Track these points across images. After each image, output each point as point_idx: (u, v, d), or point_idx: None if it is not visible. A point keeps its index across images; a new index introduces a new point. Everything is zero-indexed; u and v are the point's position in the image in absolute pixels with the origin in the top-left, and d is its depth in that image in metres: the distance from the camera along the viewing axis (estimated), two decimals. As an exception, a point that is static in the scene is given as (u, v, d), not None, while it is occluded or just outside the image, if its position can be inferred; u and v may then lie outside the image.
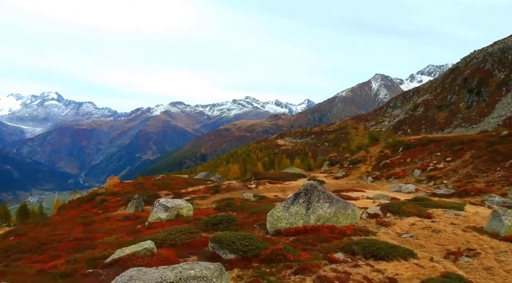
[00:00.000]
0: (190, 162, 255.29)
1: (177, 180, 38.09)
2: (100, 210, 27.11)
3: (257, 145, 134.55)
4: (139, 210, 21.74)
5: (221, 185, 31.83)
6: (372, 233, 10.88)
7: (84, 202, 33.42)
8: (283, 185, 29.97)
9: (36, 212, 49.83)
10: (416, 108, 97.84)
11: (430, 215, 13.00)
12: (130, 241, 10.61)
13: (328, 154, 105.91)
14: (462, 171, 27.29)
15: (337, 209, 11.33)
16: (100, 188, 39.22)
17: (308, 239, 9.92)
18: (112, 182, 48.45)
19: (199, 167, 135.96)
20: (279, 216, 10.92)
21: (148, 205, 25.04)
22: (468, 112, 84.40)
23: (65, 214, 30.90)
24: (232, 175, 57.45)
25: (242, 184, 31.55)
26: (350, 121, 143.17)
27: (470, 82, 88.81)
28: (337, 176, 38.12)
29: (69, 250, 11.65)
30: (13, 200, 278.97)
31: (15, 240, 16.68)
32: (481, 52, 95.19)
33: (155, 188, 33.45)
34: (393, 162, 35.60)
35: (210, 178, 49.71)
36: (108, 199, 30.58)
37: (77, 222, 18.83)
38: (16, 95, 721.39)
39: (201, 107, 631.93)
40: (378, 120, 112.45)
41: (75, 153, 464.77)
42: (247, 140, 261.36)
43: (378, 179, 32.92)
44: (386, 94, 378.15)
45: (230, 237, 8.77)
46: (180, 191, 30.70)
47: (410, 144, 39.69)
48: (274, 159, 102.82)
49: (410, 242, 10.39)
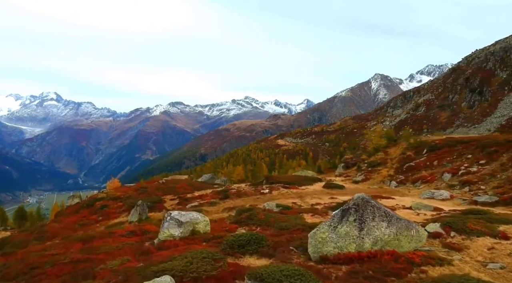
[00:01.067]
0: (189, 162, 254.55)
1: (182, 184, 36.31)
2: (100, 217, 25.72)
3: (257, 145, 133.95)
4: (143, 217, 20.54)
5: (230, 189, 30.28)
6: (446, 262, 8.51)
7: (83, 207, 31.58)
8: (299, 190, 27.97)
9: (34, 214, 48.06)
10: (418, 108, 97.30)
11: (506, 235, 10.37)
12: (140, 268, 8.64)
13: (330, 154, 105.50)
14: (501, 175, 24.90)
15: (398, 229, 9.10)
16: (100, 192, 36.61)
17: (368, 271, 7.77)
18: (112, 185, 46.10)
19: (199, 167, 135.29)
20: (324, 238, 8.92)
21: (152, 211, 24.09)
22: (470, 112, 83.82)
23: (63, 220, 29.19)
24: (236, 176, 55.66)
25: (254, 189, 29.62)
26: (350, 121, 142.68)
27: (472, 82, 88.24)
28: (356, 180, 35.81)
29: (64, 276, 9.74)
30: (12, 201, 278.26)
31: (1, 261, 14.48)
32: (483, 52, 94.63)
33: (159, 192, 31.78)
34: (418, 165, 33.17)
35: (214, 180, 47.91)
36: (109, 204, 29.08)
37: (74, 239, 16.44)
38: (15, 96, 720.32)
39: (201, 107, 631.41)
40: (379, 120, 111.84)
41: (74, 153, 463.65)
42: (247, 140, 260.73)
43: (402, 183, 30.56)
44: (385, 94, 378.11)
45: (275, 273, 6.83)
46: (185, 195, 29.25)
47: (435, 145, 36.90)
48: (274, 159, 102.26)
49: (506, 277, 7.75)
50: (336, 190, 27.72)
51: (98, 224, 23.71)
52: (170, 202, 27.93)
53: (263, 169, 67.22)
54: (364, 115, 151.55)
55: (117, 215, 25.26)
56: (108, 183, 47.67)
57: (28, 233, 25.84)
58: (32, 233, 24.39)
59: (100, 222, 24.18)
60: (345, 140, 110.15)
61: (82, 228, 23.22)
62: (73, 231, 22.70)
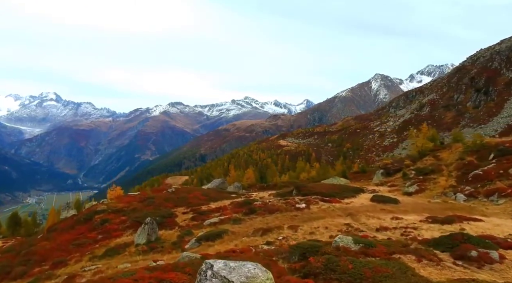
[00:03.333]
0: (189, 163, 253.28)
1: (195, 193, 31.53)
2: (99, 235, 22.10)
3: (258, 145, 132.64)
4: (152, 238, 17.72)
5: (253, 200, 26.06)
6: None
7: (79, 222, 27.04)
8: (343, 205, 23.22)
9: (29, 221, 45.52)
10: (422, 108, 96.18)
11: None
12: None
13: (333, 154, 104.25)
14: None
15: None
16: (100, 204, 30.84)
17: None
18: (114, 193, 40.40)
19: (200, 168, 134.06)
20: None
21: (162, 228, 21.06)
22: (476, 112, 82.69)
23: (55, 237, 25.21)
24: (246, 181, 51.85)
25: (283, 201, 24.88)
26: (352, 122, 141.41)
27: (478, 81, 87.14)
28: (407, 191, 30.04)
29: None
30: (12, 201, 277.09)
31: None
32: (488, 51, 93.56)
33: (169, 203, 27.60)
34: (487, 173, 27.64)
35: (225, 185, 43.31)
36: (110, 218, 25.21)
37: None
38: (15, 96, 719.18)
39: (200, 107, 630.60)
40: (383, 120, 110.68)
41: (73, 153, 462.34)
42: (247, 140, 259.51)
43: (473, 196, 25.06)
44: (386, 94, 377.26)
45: None
46: (200, 207, 25.61)
47: (504, 149, 31.15)
48: (277, 160, 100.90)
49: None
50: (389, 204, 23.08)
51: (98, 245, 20.54)
52: (182, 216, 24.46)
53: (275, 173, 63.51)
54: (366, 116, 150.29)
55: (120, 233, 21.82)
56: (109, 191, 42.06)
57: (14, 254, 22.69)
58: (18, 255, 21.39)
59: (99, 242, 20.69)
60: (348, 140, 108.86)
61: (77, 249, 20.22)
62: (66, 252, 20.02)
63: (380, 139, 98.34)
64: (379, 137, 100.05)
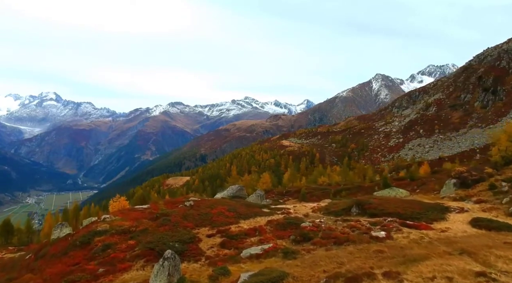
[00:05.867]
0: (189, 163, 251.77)
1: (218, 208, 24.78)
2: (101, 268, 16.65)
3: (260, 146, 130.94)
4: (175, 279, 12.82)
5: (298, 221, 20.50)
6: None
7: (75, 246, 20.45)
8: (440, 234, 16.81)
9: (22, 229, 42.74)
10: (428, 107, 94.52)
11: None
12: None
13: (337, 155, 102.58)
14: None
15: None
16: (101, 222, 23.16)
17: None
18: (117, 205, 33.45)
19: (201, 168, 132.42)
20: None
21: (184, 259, 16.16)
22: (484, 112, 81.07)
23: (43, 267, 19.72)
24: (262, 186, 47.38)
25: (344, 224, 19.57)
26: (355, 122, 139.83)
27: (485, 81, 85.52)
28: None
29: None
30: (11, 201, 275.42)
31: None
32: (496, 50, 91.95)
33: (188, 222, 21.80)
34: None
35: (243, 193, 36.65)
36: (115, 243, 19.37)
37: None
38: (15, 96, 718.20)
39: (200, 107, 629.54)
40: (387, 120, 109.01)
41: (73, 153, 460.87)
42: (247, 140, 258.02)
43: None
44: (387, 95, 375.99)
45: None
46: (229, 228, 20.35)
47: None
48: (280, 161, 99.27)
49: None
50: (505, 233, 16.04)
51: (98, 285, 15.41)
52: (208, 240, 19.01)
53: (295, 177, 58.29)
54: (368, 116, 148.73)
55: (128, 265, 16.58)
56: (111, 202, 35.33)
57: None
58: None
59: (101, 279, 15.51)
60: (353, 141, 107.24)
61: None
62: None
63: (386, 140, 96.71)
64: (384, 138, 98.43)
